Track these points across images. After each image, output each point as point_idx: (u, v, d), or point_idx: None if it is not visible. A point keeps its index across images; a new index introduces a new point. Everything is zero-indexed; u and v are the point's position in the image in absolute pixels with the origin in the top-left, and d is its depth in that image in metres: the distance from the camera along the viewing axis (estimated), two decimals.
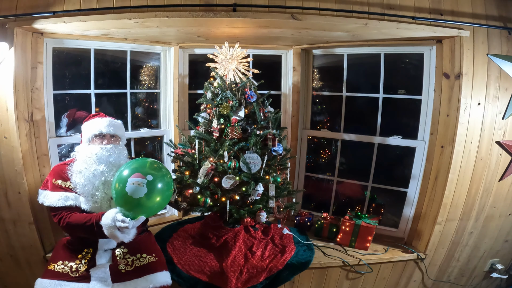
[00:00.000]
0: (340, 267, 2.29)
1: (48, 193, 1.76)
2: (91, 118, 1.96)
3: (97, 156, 1.80)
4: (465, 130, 2.13)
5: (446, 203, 2.23)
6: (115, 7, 1.91)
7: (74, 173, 1.79)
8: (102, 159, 1.81)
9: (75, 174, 1.79)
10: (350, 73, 2.63)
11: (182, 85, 2.67)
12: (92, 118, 1.95)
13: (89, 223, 1.64)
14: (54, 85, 2.20)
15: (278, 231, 2.40)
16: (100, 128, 1.88)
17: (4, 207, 2.04)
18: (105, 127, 1.88)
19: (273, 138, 2.11)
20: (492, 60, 2.09)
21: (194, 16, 1.88)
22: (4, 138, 1.95)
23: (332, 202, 2.85)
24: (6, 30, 1.86)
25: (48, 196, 1.75)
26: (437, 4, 2.08)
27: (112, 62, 2.52)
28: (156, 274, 1.78)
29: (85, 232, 1.68)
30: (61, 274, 1.67)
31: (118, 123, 1.99)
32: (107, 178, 1.79)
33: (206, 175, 2.02)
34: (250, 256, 2.12)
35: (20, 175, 1.98)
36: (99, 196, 1.77)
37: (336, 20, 1.97)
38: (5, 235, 2.10)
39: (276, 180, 2.16)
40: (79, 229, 1.69)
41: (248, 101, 2.14)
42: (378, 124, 2.55)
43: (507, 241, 2.51)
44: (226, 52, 2.14)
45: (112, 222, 1.57)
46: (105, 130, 1.88)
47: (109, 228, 1.58)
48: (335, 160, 2.78)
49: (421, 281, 2.51)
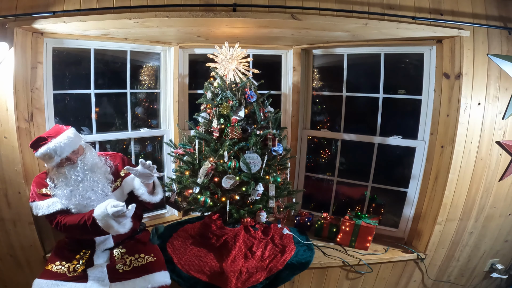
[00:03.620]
0: (340, 267, 2.29)
1: (38, 203, 1.76)
2: (37, 145, 1.73)
3: (69, 182, 1.75)
4: (465, 130, 2.13)
5: (446, 203, 2.23)
6: (115, 7, 1.91)
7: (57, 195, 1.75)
8: (75, 180, 1.76)
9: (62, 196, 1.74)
10: (350, 73, 2.62)
11: (182, 85, 2.67)
12: (38, 148, 1.72)
13: (83, 220, 1.64)
14: (54, 85, 2.20)
15: (278, 231, 2.40)
16: (52, 161, 1.73)
17: (4, 207, 2.04)
18: (56, 157, 1.71)
19: (273, 138, 2.11)
20: (492, 60, 2.09)
21: (194, 16, 1.88)
22: (4, 138, 1.95)
23: (332, 202, 2.85)
24: (6, 30, 1.86)
25: (38, 206, 1.75)
26: (437, 4, 2.08)
27: (112, 62, 2.52)
28: (154, 274, 1.78)
29: (81, 231, 1.68)
30: (58, 274, 1.68)
31: (66, 141, 1.74)
32: (92, 187, 1.78)
33: (206, 175, 2.02)
34: (250, 256, 2.12)
35: (20, 175, 1.98)
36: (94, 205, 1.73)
37: (336, 20, 1.97)
38: (5, 235, 2.10)
39: (276, 180, 2.16)
40: (76, 229, 1.68)
41: (248, 101, 2.14)
42: (378, 124, 2.55)
43: (507, 241, 2.51)
44: (226, 52, 2.14)
45: (106, 210, 1.57)
46: (57, 159, 1.73)
47: (103, 217, 1.58)
48: (335, 160, 2.78)
49: (421, 281, 2.51)
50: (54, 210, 1.72)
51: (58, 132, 1.77)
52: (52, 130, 1.82)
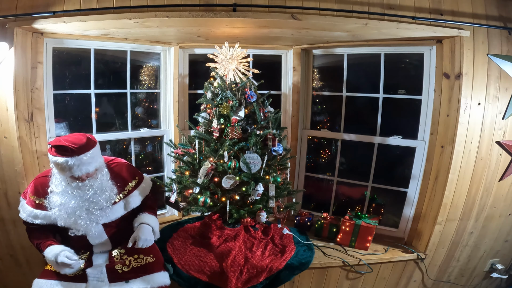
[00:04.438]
0: (340, 267, 2.29)
1: (24, 205, 1.75)
2: (53, 153, 1.60)
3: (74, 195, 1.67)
4: (465, 130, 2.13)
5: (446, 203, 2.23)
6: (115, 7, 1.91)
7: (53, 205, 1.68)
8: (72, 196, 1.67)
9: (54, 205, 1.68)
10: (350, 73, 2.62)
11: (182, 85, 2.67)
12: (54, 155, 1.59)
13: (39, 245, 1.69)
14: (54, 85, 2.20)
15: (278, 231, 2.40)
16: (62, 173, 1.63)
17: (4, 207, 2.05)
18: (68, 172, 1.60)
19: (273, 138, 2.11)
20: (492, 60, 2.09)
21: (194, 16, 1.88)
22: (4, 138, 1.95)
23: (332, 202, 2.85)
24: (6, 30, 1.86)
25: (23, 208, 1.75)
26: (437, 4, 2.08)
27: (112, 62, 2.52)
28: (154, 275, 1.78)
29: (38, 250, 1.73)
30: (57, 274, 1.68)
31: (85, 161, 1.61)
32: (89, 207, 1.69)
33: (206, 175, 2.02)
34: (250, 256, 2.12)
35: (20, 175, 1.98)
36: (82, 224, 1.70)
37: (336, 20, 1.97)
38: (5, 235, 2.10)
39: (276, 180, 2.16)
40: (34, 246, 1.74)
41: (248, 101, 2.14)
42: (378, 124, 2.55)
43: (507, 241, 2.51)
44: (226, 52, 2.14)
45: (56, 258, 1.60)
46: (67, 175, 1.63)
47: (51, 260, 1.62)
48: (335, 160, 2.78)
49: (421, 281, 2.51)
50: (32, 222, 1.72)
51: (83, 148, 1.62)
52: (77, 139, 1.64)
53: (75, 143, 1.61)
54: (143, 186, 1.99)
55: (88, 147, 1.65)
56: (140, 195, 1.95)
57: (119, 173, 1.90)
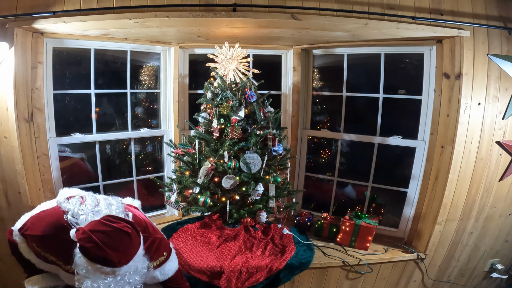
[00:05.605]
0: (340, 267, 2.29)
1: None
2: (98, 259, 1.22)
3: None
4: (465, 130, 2.13)
5: (446, 203, 2.23)
6: (115, 7, 1.91)
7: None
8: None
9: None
10: (350, 73, 2.62)
11: (182, 85, 2.67)
12: (98, 262, 1.22)
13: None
14: (54, 85, 2.20)
15: (278, 231, 2.40)
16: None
17: (4, 207, 2.04)
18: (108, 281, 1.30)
19: (273, 138, 2.12)
20: (492, 60, 2.09)
21: (194, 16, 1.88)
22: (4, 138, 1.95)
23: (332, 202, 2.85)
24: (6, 30, 1.86)
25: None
26: (437, 4, 2.08)
27: (112, 62, 2.52)
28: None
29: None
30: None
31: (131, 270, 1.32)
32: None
33: (206, 175, 2.03)
34: (250, 256, 2.13)
35: (20, 175, 1.98)
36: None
37: (336, 20, 1.97)
38: (5, 235, 2.09)
39: (276, 180, 2.17)
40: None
41: (248, 101, 2.15)
42: (378, 124, 2.55)
43: (507, 241, 2.51)
44: (226, 52, 2.14)
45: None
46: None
47: None
48: (335, 160, 2.78)
49: (421, 281, 2.51)
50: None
51: (129, 253, 1.28)
52: (124, 247, 1.26)
53: (117, 252, 1.23)
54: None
55: (133, 251, 1.30)
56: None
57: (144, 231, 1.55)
